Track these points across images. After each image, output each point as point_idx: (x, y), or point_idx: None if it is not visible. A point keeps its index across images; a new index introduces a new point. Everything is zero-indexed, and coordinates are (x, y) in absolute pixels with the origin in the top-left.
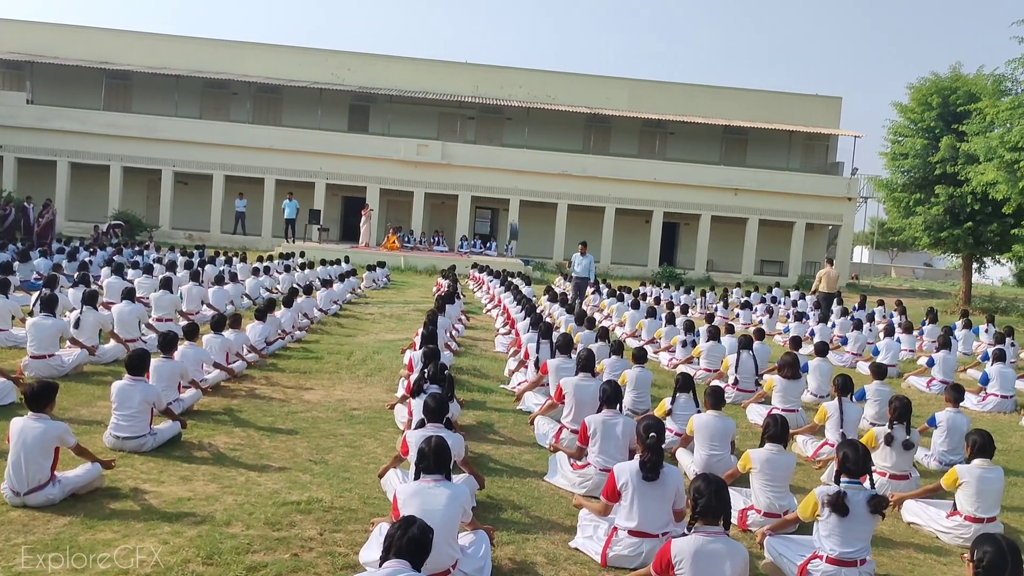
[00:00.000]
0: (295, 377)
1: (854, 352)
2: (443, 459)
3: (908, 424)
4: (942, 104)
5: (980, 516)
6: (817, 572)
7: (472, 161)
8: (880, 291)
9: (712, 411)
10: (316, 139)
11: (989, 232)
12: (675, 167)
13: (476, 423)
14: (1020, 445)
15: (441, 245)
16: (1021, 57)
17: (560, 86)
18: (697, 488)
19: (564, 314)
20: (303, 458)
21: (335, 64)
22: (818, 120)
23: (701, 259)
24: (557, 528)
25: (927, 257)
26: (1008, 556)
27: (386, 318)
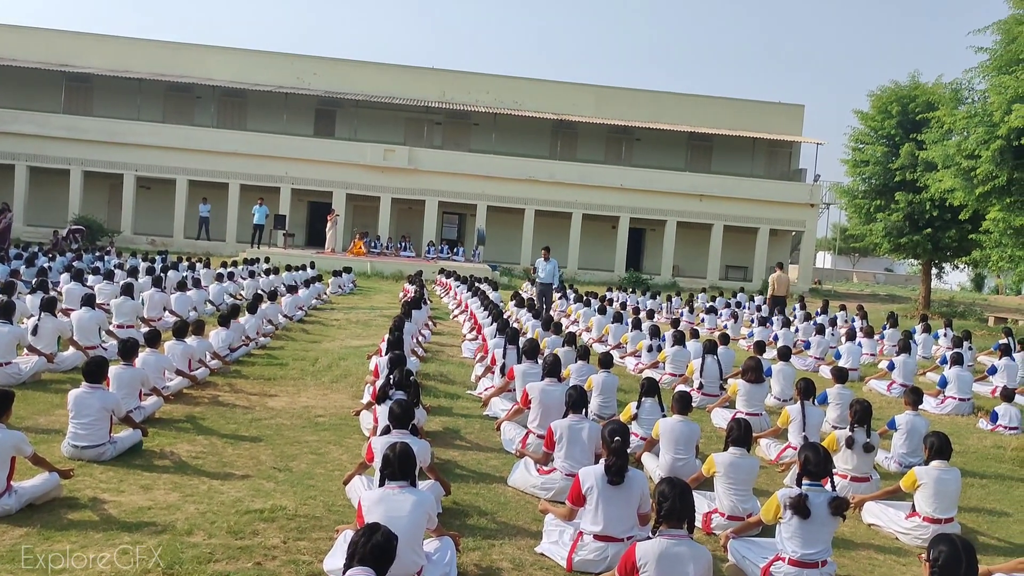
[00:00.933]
0: (259, 384)
1: (817, 356)
2: (408, 465)
3: (868, 427)
4: (901, 112)
5: (938, 517)
6: (779, 574)
7: (439, 166)
8: (842, 296)
9: (678, 415)
10: (281, 144)
11: (947, 238)
12: (641, 173)
13: (442, 429)
14: (977, 447)
15: (408, 250)
16: (978, 66)
17: (527, 92)
18: (662, 492)
19: (531, 319)
20: (267, 466)
21: (301, 68)
22: (781, 127)
23: (667, 264)
24: (523, 533)
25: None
26: (963, 555)
27: (352, 324)
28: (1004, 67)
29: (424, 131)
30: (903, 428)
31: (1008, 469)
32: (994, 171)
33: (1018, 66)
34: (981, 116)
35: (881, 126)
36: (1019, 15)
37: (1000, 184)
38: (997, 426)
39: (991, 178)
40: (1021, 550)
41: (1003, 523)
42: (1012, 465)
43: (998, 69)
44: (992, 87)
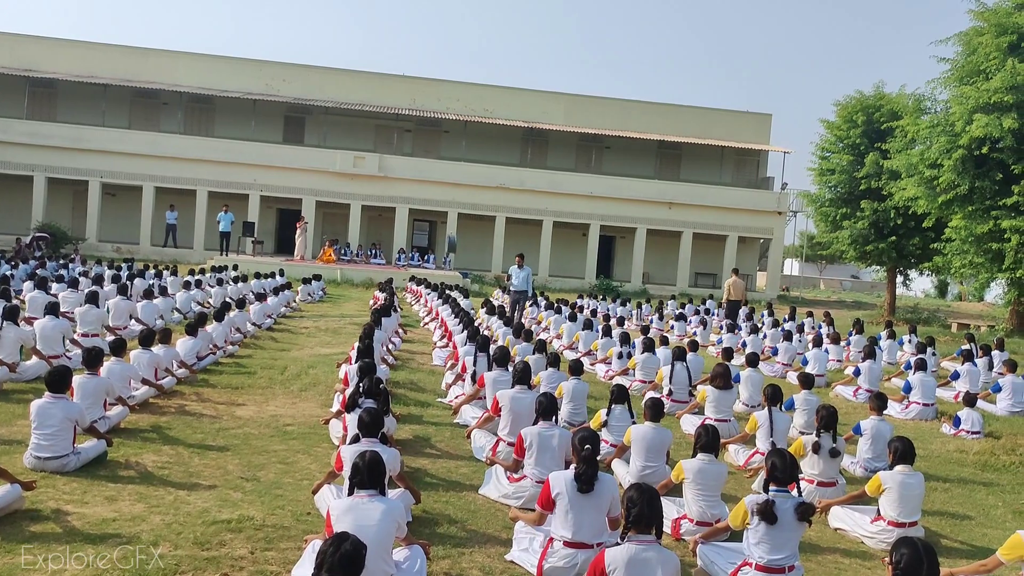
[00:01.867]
0: (227, 393)
1: (784, 362)
2: (377, 474)
3: (834, 432)
4: (867, 122)
5: (902, 521)
6: None
7: (409, 173)
8: (809, 303)
9: (651, 422)
10: (250, 150)
11: (911, 245)
12: (611, 181)
13: (412, 437)
14: (940, 451)
15: (378, 258)
16: (940, 77)
17: (497, 100)
18: (630, 498)
19: (502, 327)
20: (234, 475)
21: (269, 75)
22: (749, 136)
23: (637, 272)
24: (493, 541)
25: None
26: (924, 558)
27: (321, 332)
28: (965, 78)
29: (394, 138)
30: (868, 433)
31: (970, 473)
32: (956, 180)
33: (979, 77)
34: (943, 126)
35: (847, 135)
36: (979, 27)
37: (962, 193)
38: (960, 431)
39: (953, 187)
40: (982, 552)
41: (965, 526)
42: (974, 469)
43: (959, 80)
44: (954, 97)
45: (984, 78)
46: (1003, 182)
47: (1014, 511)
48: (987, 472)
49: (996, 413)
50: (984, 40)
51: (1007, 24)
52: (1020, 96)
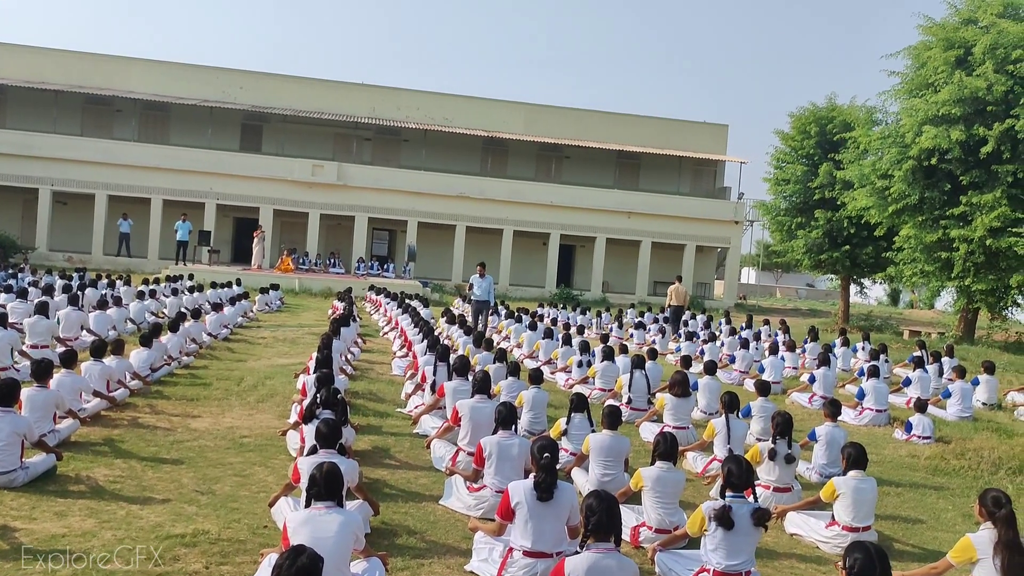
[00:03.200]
0: (182, 404)
1: (741, 370)
2: (335, 485)
3: (790, 439)
4: (820, 132)
5: (856, 525)
6: None
7: (369, 182)
8: (766, 311)
9: (608, 430)
10: (206, 158)
11: (864, 254)
12: (571, 190)
13: (372, 448)
14: (893, 456)
15: (337, 267)
16: (891, 90)
17: (457, 109)
18: (589, 506)
19: (462, 336)
20: (189, 489)
21: (226, 82)
22: (706, 146)
23: (597, 280)
24: (453, 552)
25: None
26: (877, 562)
27: (279, 342)
28: (915, 90)
29: (353, 147)
30: (823, 439)
31: (922, 477)
32: (906, 190)
33: (927, 90)
34: (894, 137)
35: (801, 146)
36: (928, 42)
37: (912, 203)
38: (911, 436)
39: (903, 197)
40: (933, 555)
41: (917, 530)
42: (925, 473)
43: (909, 92)
44: (904, 110)
45: (933, 91)
46: (951, 192)
47: (963, 514)
48: (938, 476)
49: (946, 418)
50: (932, 54)
51: (954, 39)
52: (967, 109)
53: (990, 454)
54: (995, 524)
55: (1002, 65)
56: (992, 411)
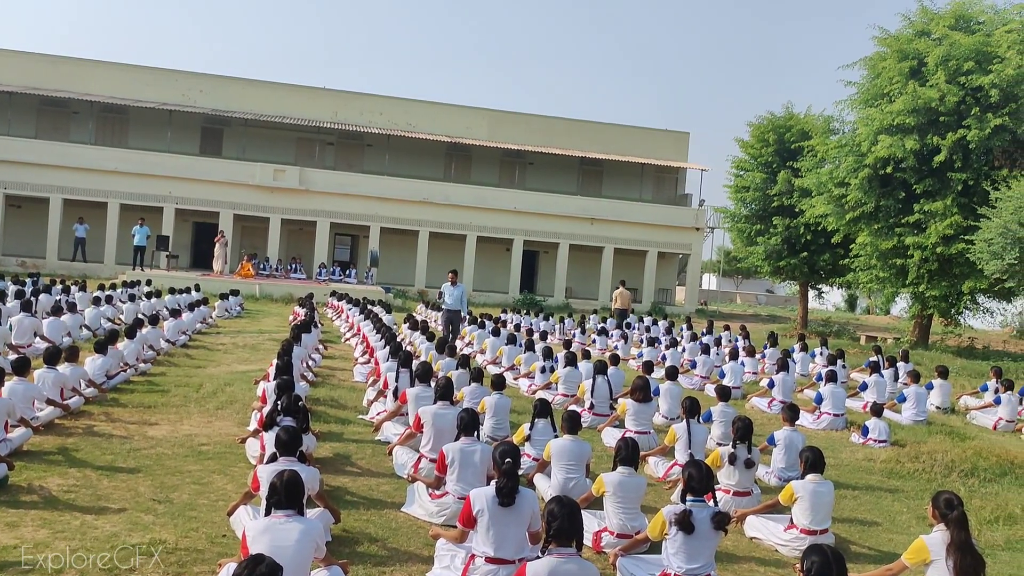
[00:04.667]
0: (138, 412)
1: (702, 375)
2: (295, 493)
3: (750, 443)
4: (778, 141)
5: (814, 528)
6: None
7: (331, 187)
8: (726, 316)
9: (568, 435)
10: (165, 162)
11: (822, 261)
12: (534, 196)
13: (333, 455)
14: (849, 460)
15: (299, 272)
16: (847, 99)
17: (420, 114)
18: (551, 511)
19: (425, 342)
20: (146, 498)
21: (186, 85)
22: (668, 153)
23: (560, 286)
24: (414, 559)
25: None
26: (833, 565)
27: (239, 348)
28: (871, 100)
29: (316, 151)
30: (781, 444)
31: (877, 480)
32: (862, 198)
33: (883, 100)
34: (851, 146)
35: (760, 154)
36: (883, 53)
37: (868, 210)
38: (868, 440)
39: (860, 204)
40: (889, 557)
41: (873, 532)
42: (881, 476)
43: (865, 102)
44: (860, 119)
45: (888, 101)
46: (906, 200)
47: (918, 516)
48: (893, 479)
49: (901, 422)
50: (887, 65)
51: (908, 50)
52: (921, 119)
53: (943, 457)
54: (948, 526)
55: (954, 76)
56: (945, 415)
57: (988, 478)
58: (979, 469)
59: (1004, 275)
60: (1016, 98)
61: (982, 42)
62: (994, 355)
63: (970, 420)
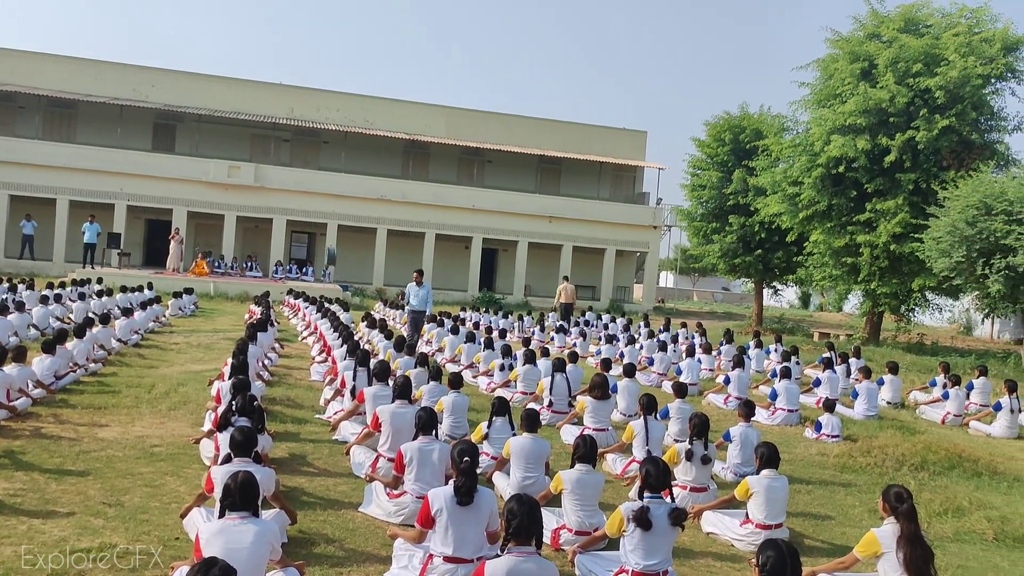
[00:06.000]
0: (88, 413)
1: (660, 372)
2: (250, 495)
3: (706, 439)
4: (734, 140)
5: (769, 523)
6: None
7: (287, 184)
8: (683, 314)
9: (527, 433)
10: (116, 158)
11: (776, 259)
12: (493, 194)
13: (289, 455)
14: (803, 455)
15: (254, 270)
16: (801, 100)
17: (378, 111)
18: (511, 509)
19: (383, 340)
20: (96, 501)
21: (137, 79)
22: (625, 152)
23: (519, 284)
24: (372, 560)
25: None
26: (787, 559)
27: (193, 348)
28: (823, 101)
29: (271, 148)
30: (737, 439)
31: (830, 475)
32: (816, 197)
33: (835, 100)
34: (804, 146)
35: (716, 153)
36: (835, 54)
37: (821, 209)
38: (821, 435)
39: (813, 203)
40: (841, 551)
41: (826, 526)
42: (834, 471)
43: (818, 103)
44: (813, 119)
45: (840, 102)
46: (858, 199)
47: (870, 510)
48: (846, 473)
49: (853, 417)
50: (839, 66)
51: (859, 52)
52: (872, 119)
53: (894, 451)
54: (897, 519)
55: (903, 78)
56: (896, 410)
57: (937, 471)
58: (928, 463)
59: (952, 273)
60: (961, 100)
61: (930, 45)
62: (942, 351)
63: (919, 415)
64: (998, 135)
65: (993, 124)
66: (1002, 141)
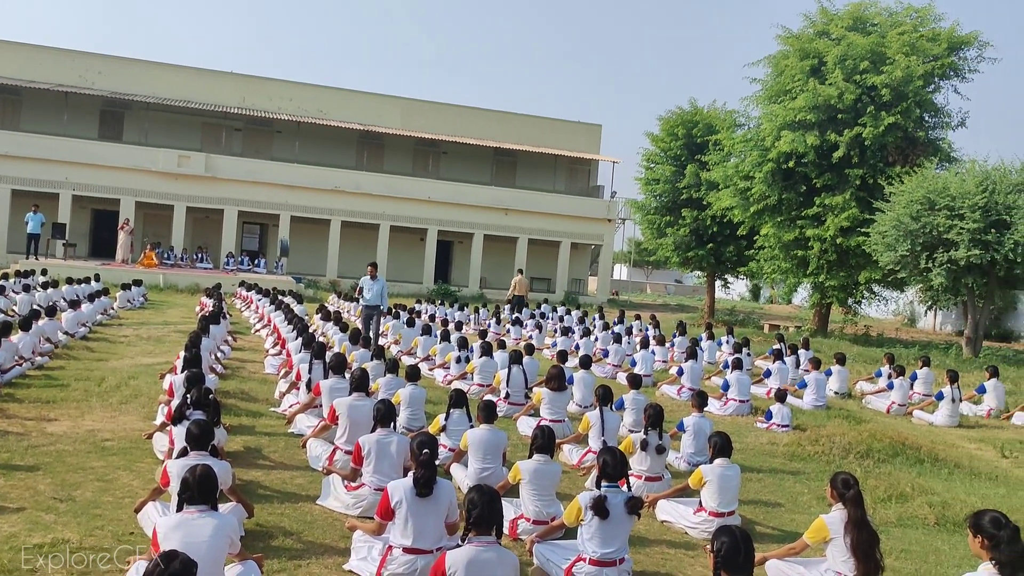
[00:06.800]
0: (36, 407)
1: (615, 364)
2: (209, 488)
3: (661, 430)
4: (687, 135)
5: (721, 511)
6: (581, 574)
7: (239, 174)
8: (637, 306)
9: (485, 425)
10: (61, 146)
11: (728, 252)
12: (448, 186)
13: (244, 449)
14: (754, 444)
15: (205, 262)
16: (752, 96)
17: (331, 101)
18: (471, 500)
19: (338, 333)
20: (46, 496)
21: (84, 66)
22: (580, 145)
23: (475, 276)
24: (331, 552)
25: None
26: (741, 544)
27: (143, 340)
28: (774, 97)
29: (223, 137)
30: (691, 429)
31: (780, 463)
32: (766, 191)
33: (786, 96)
34: (755, 141)
35: (669, 147)
36: (786, 51)
37: (771, 203)
38: (771, 424)
39: (764, 197)
40: (792, 536)
41: (776, 513)
42: (783, 459)
43: (769, 99)
44: (764, 115)
45: (790, 98)
46: (807, 194)
47: (818, 497)
48: (795, 462)
49: (803, 407)
50: (789, 63)
51: (809, 49)
52: (821, 115)
53: (841, 440)
54: (845, 505)
55: (851, 75)
56: (843, 399)
57: (882, 459)
58: (873, 451)
59: (897, 266)
60: (906, 97)
61: (877, 43)
62: (887, 342)
63: (865, 404)
64: (942, 132)
65: (938, 121)
66: (944, 138)
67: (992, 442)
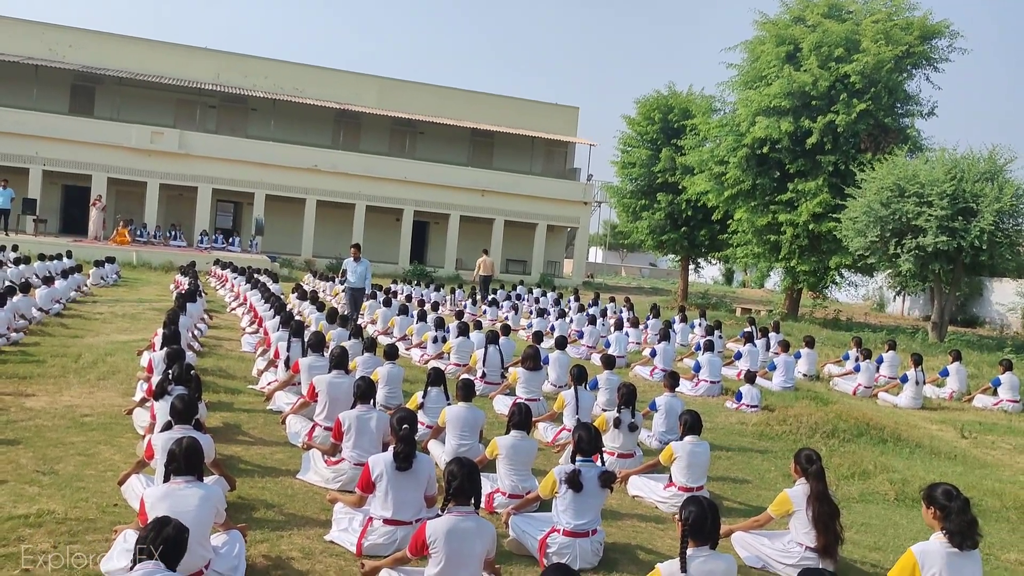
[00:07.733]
0: (13, 383)
1: (589, 345)
2: (195, 460)
3: (633, 408)
4: (663, 119)
5: (691, 486)
6: (555, 544)
7: (213, 152)
8: (612, 288)
9: (463, 403)
10: (30, 121)
11: (702, 236)
12: (425, 167)
13: (223, 424)
14: (724, 423)
15: (179, 240)
16: (728, 81)
17: (308, 79)
18: (451, 471)
19: (315, 312)
20: (28, 469)
21: (53, 39)
22: (558, 128)
23: (451, 257)
24: (312, 523)
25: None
26: (708, 513)
27: (118, 318)
28: (750, 83)
29: (197, 114)
30: (662, 409)
31: (749, 442)
32: (741, 176)
33: (761, 82)
34: (731, 126)
35: (645, 131)
36: (762, 37)
37: (745, 188)
38: (741, 405)
39: (738, 182)
40: (758, 511)
41: (744, 489)
42: (752, 438)
43: (745, 84)
44: (740, 100)
45: (766, 84)
46: (780, 179)
47: (784, 474)
48: (763, 441)
49: (772, 389)
50: (766, 49)
51: (785, 35)
52: (795, 102)
53: (807, 420)
54: (807, 479)
55: (825, 62)
56: (811, 382)
57: (846, 438)
58: (839, 430)
59: (867, 251)
60: (876, 85)
61: (851, 31)
62: (856, 326)
63: (833, 386)
64: (912, 120)
65: (908, 109)
66: (913, 127)
67: (953, 423)
